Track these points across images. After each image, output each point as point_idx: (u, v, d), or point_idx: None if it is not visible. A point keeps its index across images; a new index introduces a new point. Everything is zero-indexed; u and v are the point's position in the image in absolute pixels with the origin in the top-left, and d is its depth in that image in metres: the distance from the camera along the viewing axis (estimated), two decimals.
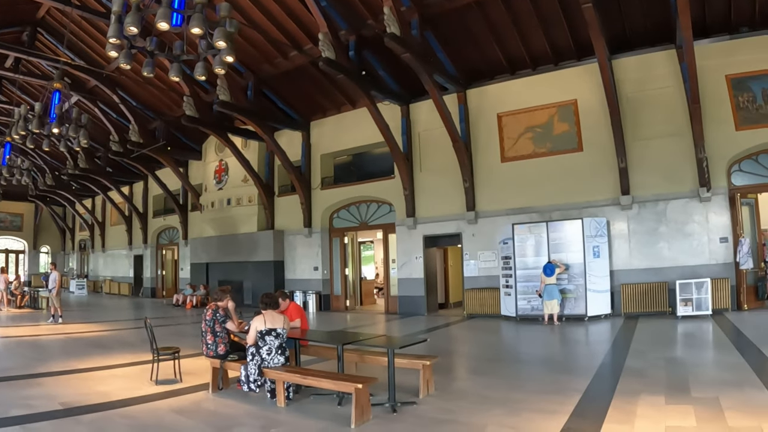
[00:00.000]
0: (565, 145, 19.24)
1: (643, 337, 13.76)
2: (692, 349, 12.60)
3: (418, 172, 21.70)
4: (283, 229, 25.74)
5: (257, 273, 25.86)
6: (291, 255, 25.49)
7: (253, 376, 8.38)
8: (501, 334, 16.34)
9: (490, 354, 13.35)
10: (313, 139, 24.96)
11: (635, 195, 17.94)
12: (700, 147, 16.77)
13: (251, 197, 26.40)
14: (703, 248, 17.25)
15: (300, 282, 24.95)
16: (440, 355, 11.32)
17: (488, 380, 9.94)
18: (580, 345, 14.20)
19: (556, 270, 16.88)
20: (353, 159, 24.86)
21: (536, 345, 14.45)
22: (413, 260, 21.66)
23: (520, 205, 19.53)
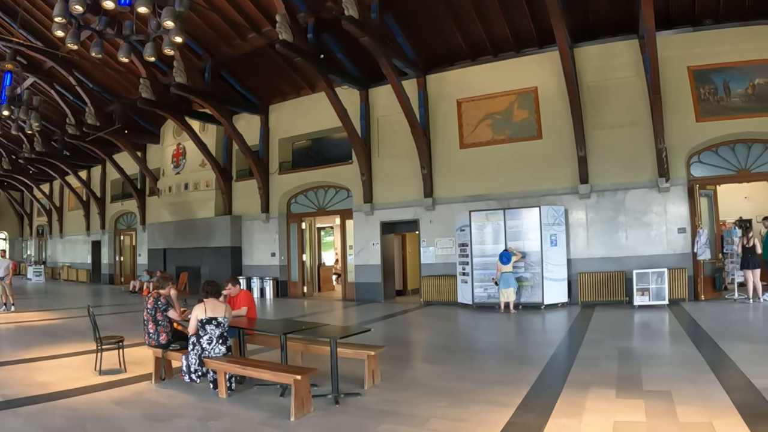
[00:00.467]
0: (524, 133, 18.79)
1: (598, 327, 13.39)
2: (647, 339, 12.19)
3: (376, 158, 21.11)
4: (240, 215, 24.94)
5: (214, 259, 25.05)
6: (248, 241, 24.74)
7: (193, 366, 8.01)
8: (456, 322, 15.80)
9: (442, 342, 12.85)
10: (271, 123, 24.20)
11: (594, 184, 17.58)
12: (659, 137, 16.49)
13: (209, 182, 25.58)
14: (661, 238, 17.00)
15: (257, 268, 24.23)
16: (392, 344, 10.88)
17: (438, 369, 9.56)
18: (535, 334, 13.70)
19: (513, 258, 16.43)
20: (312, 144, 24.14)
21: (490, 333, 13.98)
22: (370, 247, 21.11)
23: (478, 192, 19.04)
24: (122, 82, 25.82)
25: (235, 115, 24.54)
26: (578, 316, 15.18)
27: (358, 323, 15.70)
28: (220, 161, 25.17)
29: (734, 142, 16.93)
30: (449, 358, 10.65)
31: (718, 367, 8.68)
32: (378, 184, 21.04)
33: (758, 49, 16.33)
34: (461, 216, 18.19)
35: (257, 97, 24.02)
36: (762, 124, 16.26)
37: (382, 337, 13.36)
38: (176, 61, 20.60)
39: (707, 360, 9.25)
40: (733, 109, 16.59)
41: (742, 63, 16.52)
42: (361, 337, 8.52)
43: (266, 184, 23.84)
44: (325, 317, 17.26)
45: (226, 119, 22.82)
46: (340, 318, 17.78)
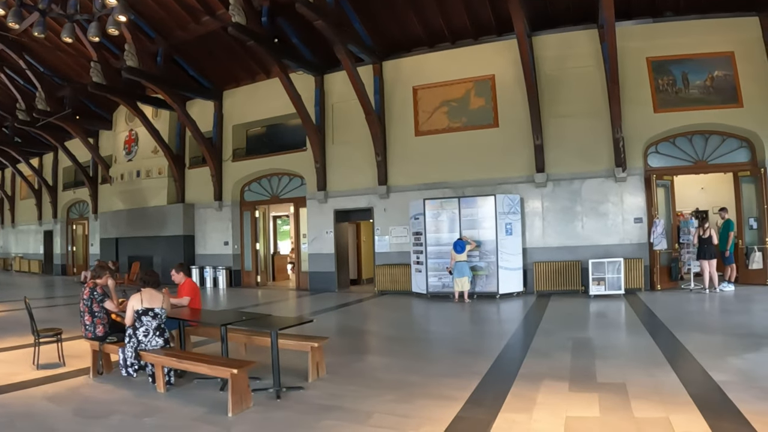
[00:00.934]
0: (480, 121, 18.26)
1: (552, 317, 12.93)
2: (602, 330, 11.69)
3: (331, 145, 20.39)
4: (193, 203, 24.03)
5: (167, 248, 24.09)
6: (201, 229, 23.82)
7: (129, 360, 7.52)
8: (409, 312, 15.22)
9: (393, 333, 12.23)
10: (225, 109, 23.28)
11: (550, 173, 17.15)
12: (617, 127, 16.17)
13: (161, 169, 24.60)
14: (618, 228, 16.68)
15: (211, 257, 23.36)
16: (342, 334, 10.55)
17: (386, 361, 9.13)
18: (488, 324, 13.17)
19: (467, 247, 15.88)
20: (267, 131, 23.25)
21: (443, 324, 13.40)
22: (324, 235, 20.40)
23: (434, 180, 18.46)
24: (74, 66, 24.63)
25: (189, 100, 23.67)
26: (533, 306, 14.71)
27: (308, 313, 15.04)
28: (173, 148, 24.23)
29: (692, 133, 16.67)
30: (399, 350, 10.09)
31: (675, 359, 8.28)
32: (332, 172, 20.34)
33: (717, 41, 16.17)
34: (416, 204, 17.58)
35: (211, 83, 23.10)
36: (720, 116, 16.07)
37: (332, 327, 12.84)
38: (127, 43, 19.75)
39: (663, 351, 8.83)
40: (692, 101, 16.38)
41: (701, 55, 16.33)
42: (307, 327, 8.10)
43: (219, 171, 22.97)
44: (275, 307, 16.60)
45: (179, 105, 21.92)
46: (291, 308, 17.06)
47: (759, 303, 13.46)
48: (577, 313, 13.62)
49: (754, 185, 16.42)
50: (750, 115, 15.93)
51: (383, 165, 19.13)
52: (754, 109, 15.91)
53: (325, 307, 16.22)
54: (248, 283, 22.94)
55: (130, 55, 20.04)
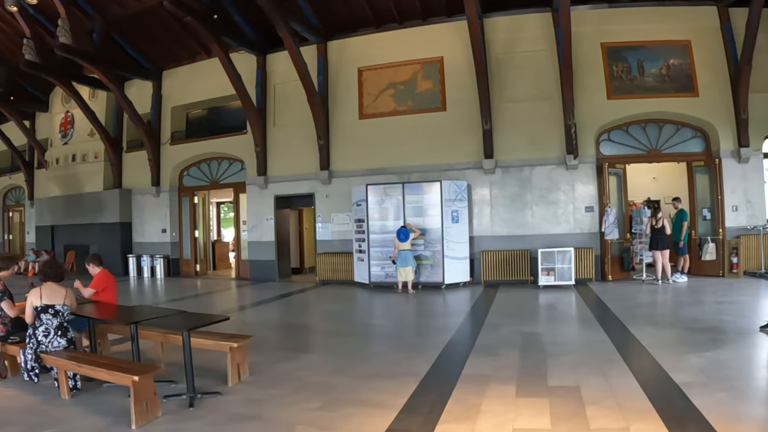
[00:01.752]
0: (427, 104, 17.10)
1: (500, 309, 11.91)
2: (552, 323, 10.60)
3: (272, 128, 18.99)
4: (131, 188, 22.32)
5: (103, 236, 22.41)
6: (139, 216, 22.12)
7: (30, 363, 6.64)
8: (349, 304, 14.03)
9: (329, 327, 11.14)
10: (164, 90, 21.61)
11: (499, 159, 16.12)
12: (569, 113, 15.31)
13: (97, 153, 22.84)
14: (568, 217, 15.82)
15: (148, 245, 21.74)
16: (275, 329, 9.95)
17: (317, 360, 8.18)
18: (432, 317, 11.93)
19: (411, 235, 14.72)
20: (208, 113, 21.68)
21: (384, 316, 12.35)
22: (264, 222, 19.00)
23: (378, 165, 17.24)
24: (7, 44, 22.73)
25: (128, 81, 22.08)
26: (480, 297, 13.69)
27: (243, 305, 14.09)
28: (111, 130, 22.54)
29: (646, 121, 15.99)
30: (333, 346, 9.09)
31: (631, 357, 7.41)
32: (273, 156, 18.94)
33: (674, 29, 15.56)
34: (358, 190, 16.32)
35: (150, 62, 21.40)
36: (675, 105, 15.48)
37: (265, 320, 11.87)
38: (61, 19, 18.11)
39: (618, 348, 7.93)
40: (647, 89, 15.79)
41: (657, 43, 15.73)
42: (234, 323, 7.35)
43: (157, 155, 21.35)
44: (209, 299, 15.36)
45: (116, 85, 20.24)
46: (225, 299, 15.69)
47: (712, 295, 12.59)
48: (526, 305, 12.60)
49: (708, 175, 15.74)
50: (705, 104, 15.36)
51: (326, 149, 17.82)
52: (710, 99, 15.32)
53: (262, 299, 15.01)
54: (187, 273, 21.44)
55: (64, 32, 18.37)
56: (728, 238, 15.13)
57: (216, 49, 17.31)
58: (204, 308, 13.16)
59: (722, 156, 15.21)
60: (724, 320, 9.59)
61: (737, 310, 10.64)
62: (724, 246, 15.14)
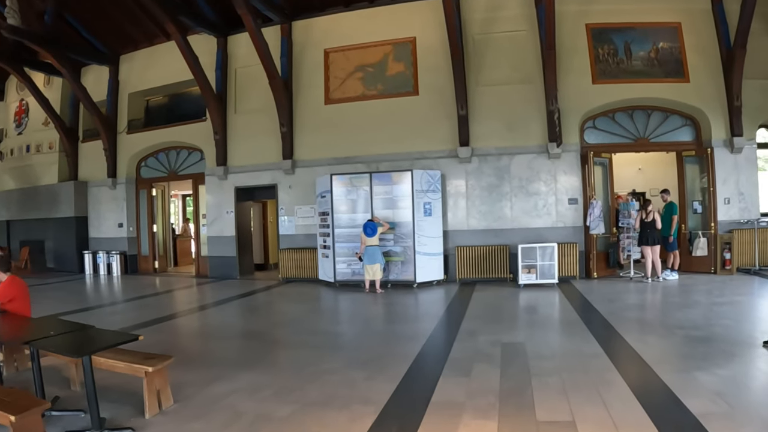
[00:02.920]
0: (399, 88, 15.42)
1: (477, 312, 10.31)
2: (536, 330, 8.90)
3: (233, 114, 17.19)
4: (87, 180, 20.44)
5: (59, 231, 20.54)
6: (96, 210, 20.19)
7: None
8: (310, 305, 12.29)
9: (283, 334, 9.43)
10: (122, 76, 19.68)
11: (476, 147, 14.54)
12: (552, 98, 13.83)
13: (52, 143, 20.99)
14: (550, 209, 14.29)
15: (105, 241, 19.88)
16: (220, 337, 8.79)
17: (258, 381, 6.40)
18: (400, 322, 10.19)
19: (379, 229, 13.04)
20: (167, 99, 19.82)
21: (346, 321, 10.71)
22: (224, 215, 17.25)
23: (345, 153, 15.55)
24: None
25: (85, 66, 20.27)
26: (455, 298, 12.08)
27: (194, 307, 12.25)
28: (67, 119, 20.67)
29: (633, 108, 14.59)
30: (281, 361, 7.45)
31: (632, 376, 5.91)
32: (233, 145, 17.14)
33: (663, 10, 14.24)
34: (323, 180, 14.61)
35: (106, 46, 19.48)
36: (664, 91, 14.13)
37: (212, 326, 10.29)
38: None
39: (615, 363, 6.44)
40: (634, 73, 14.40)
41: (645, 24, 14.39)
42: (174, 331, 6.76)
43: (114, 145, 19.47)
44: (154, 301, 13.55)
45: (70, 70, 18.29)
46: (173, 301, 13.87)
47: (707, 295, 11.15)
48: (506, 308, 10.97)
49: (699, 166, 14.33)
50: (696, 91, 14.01)
51: (289, 137, 16.07)
52: (701, 85, 14.00)
53: (216, 299, 13.27)
54: (145, 270, 19.62)
55: (13, 12, 16.52)
56: (720, 233, 13.75)
57: (172, 29, 15.53)
58: (146, 312, 11.54)
59: (714, 145, 13.85)
60: (726, 326, 8.21)
61: (737, 314, 9.25)
62: (716, 241, 13.70)
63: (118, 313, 11.56)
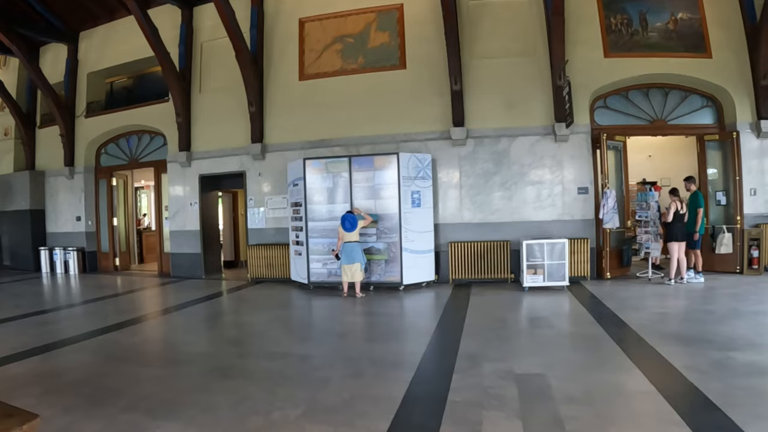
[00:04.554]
0: (383, 61, 13.01)
1: (477, 326, 7.92)
2: (556, 352, 6.45)
3: (197, 94, 14.70)
4: (44, 170, 17.91)
5: (14, 226, 18.00)
6: (53, 202, 17.63)
7: None
8: (276, 313, 9.74)
9: (230, 358, 6.77)
10: (81, 54, 17.08)
11: (471, 128, 12.20)
12: (559, 72, 11.49)
13: (7, 129, 18.48)
14: (556, 200, 11.95)
15: (63, 236, 17.35)
16: (146, 363, 6.56)
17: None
18: (382, 340, 7.64)
19: (360, 223, 10.63)
20: (131, 81, 17.27)
21: (316, 338, 8.11)
22: (188, 207, 14.77)
23: (321, 136, 13.13)
24: None
25: (44, 45, 17.76)
26: (449, 305, 9.71)
27: (136, 317, 9.81)
28: (24, 104, 18.18)
29: (649, 86, 12.29)
30: (215, 404, 4.92)
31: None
32: (198, 128, 14.65)
33: None
34: (295, 166, 12.16)
35: (62, 22, 16.81)
36: (683, 67, 11.83)
37: (144, 345, 7.72)
38: None
39: (676, 407, 4.33)
40: (650, 46, 12.12)
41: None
42: (100, 352, 5.26)
43: (71, 130, 16.92)
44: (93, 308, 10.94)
45: (22, 48, 15.80)
46: (117, 307, 11.08)
47: (743, 300, 8.90)
48: (511, 319, 8.59)
49: (721, 152, 12.07)
50: (719, 67, 11.76)
51: (258, 118, 13.61)
52: (724, 61, 11.74)
53: (169, 305, 10.96)
54: (106, 268, 17.08)
55: None
56: (746, 227, 11.52)
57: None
58: (78, 323, 9.25)
59: (739, 129, 11.60)
60: None
61: None
62: (743, 237, 11.47)
63: (45, 324, 9.10)
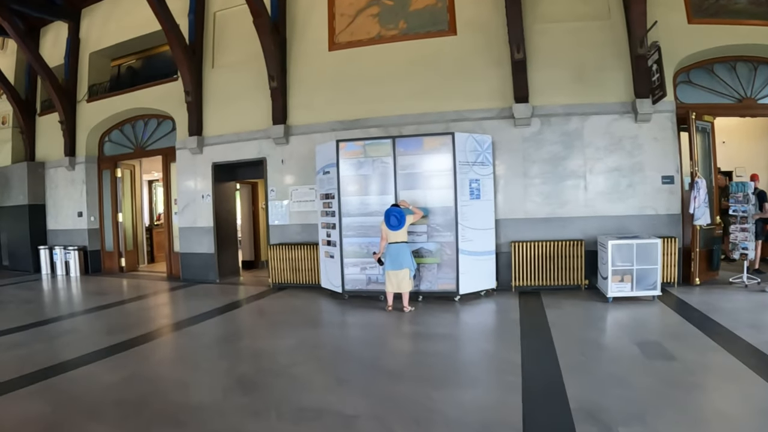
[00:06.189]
0: (428, 26, 10.49)
1: (572, 353, 5.66)
2: (696, 400, 4.25)
3: (209, 70, 12.25)
4: (44, 161, 15.60)
5: (12, 223, 15.70)
6: (53, 196, 15.33)
7: None
8: (298, 337, 7.06)
9: (232, 416, 4.42)
10: (82, 33, 14.72)
11: (537, 105, 9.72)
12: (639, 36, 9.10)
13: (5, 117, 16.25)
14: (636, 190, 9.48)
15: (64, 233, 15.03)
16: (127, 415, 4.46)
17: None
18: (458, 380, 5.24)
19: (409, 218, 8.19)
20: (137, 60, 14.89)
21: (362, 376, 5.50)
22: (199, 200, 12.39)
23: (355, 115, 10.65)
24: None
25: (44, 26, 15.52)
26: (524, 324, 7.21)
27: (127, 340, 7.38)
28: (22, 89, 15.90)
29: (735, 59, 9.76)
30: None
31: None
32: (210, 109, 12.23)
33: None
34: (325, 150, 9.69)
35: None
36: None
37: (131, 385, 5.23)
38: None
39: None
40: (737, 12, 9.56)
41: None
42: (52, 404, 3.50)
43: (72, 116, 14.62)
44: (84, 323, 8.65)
45: (14, 25, 13.54)
46: (110, 323, 8.50)
47: None
48: (614, 346, 6.09)
49: None
50: None
51: (280, 95, 11.14)
52: None
53: (168, 321, 8.60)
54: (110, 269, 14.75)
55: None
56: None
57: None
58: (46, 347, 6.90)
59: None
60: None
61: None
62: None
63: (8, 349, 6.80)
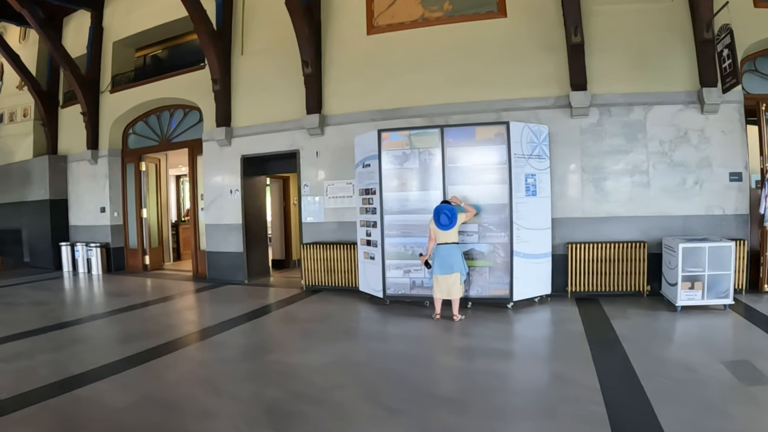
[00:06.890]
0: (476, 7, 9.51)
1: (657, 376, 4.70)
2: None
3: (239, 57, 11.37)
4: (66, 154, 14.86)
5: (34, 218, 15.00)
6: (75, 191, 14.60)
7: None
8: (331, 352, 6.05)
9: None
10: (106, 21, 13.96)
11: (595, 94, 8.73)
12: (705, 20, 8.07)
13: (27, 110, 15.55)
14: (702, 188, 8.45)
15: (86, 229, 14.30)
16: None
17: None
18: (528, 411, 4.31)
19: (460, 216, 7.27)
20: (168, 53, 14.07)
21: (414, 404, 4.39)
22: (227, 195, 11.52)
23: (395, 104, 9.71)
24: None
25: (67, 15, 14.80)
26: (591, 338, 6.20)
27: (128, 357, 6.42)
28: (44, 81, 15.17)
29: None
30: None
31: None
32: (239, 98, 11.36)
33: None
34: (365, 141, 8.78)
35: None
36: None
37: (134, 414, 4.27)
38: None
39: None
40: None
41: None
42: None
43: (95, 107, 13.87)
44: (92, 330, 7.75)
45: (30, 11, 12.75)
46: (120, 332, 7.52)
47: None
48: (702, 366, 4.99)
49: None
50: None
51: (315, 82, 10.24)
52: None
53: (191, 329, 7.68)
54: (134, 267, 13.99)
55: None
56: None
57: None
58: (48, 360, 6.11)
59: None
60: None
61: None
62: None
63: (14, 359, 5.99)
